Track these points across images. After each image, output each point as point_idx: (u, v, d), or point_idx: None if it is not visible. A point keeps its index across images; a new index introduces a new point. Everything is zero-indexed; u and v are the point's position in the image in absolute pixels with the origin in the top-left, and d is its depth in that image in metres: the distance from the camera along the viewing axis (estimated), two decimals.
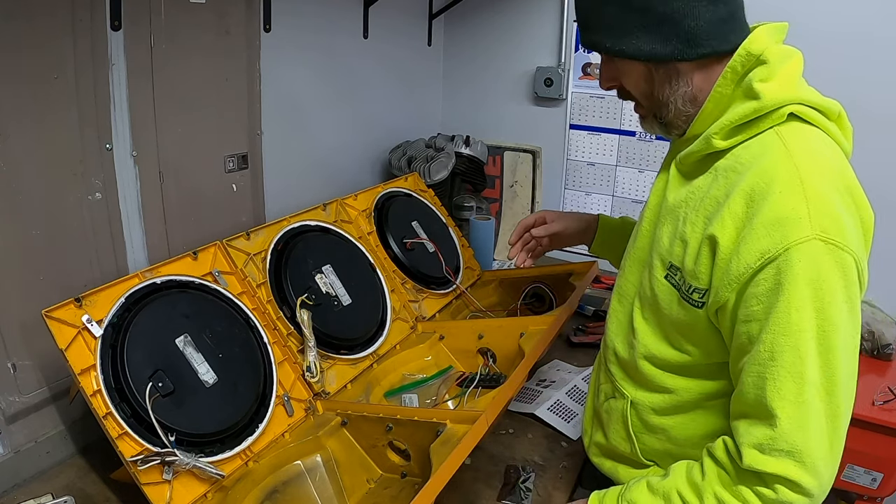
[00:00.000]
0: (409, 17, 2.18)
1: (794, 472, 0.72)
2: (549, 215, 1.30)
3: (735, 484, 0.77)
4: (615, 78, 0.89)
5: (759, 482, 0.75)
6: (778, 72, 0.80)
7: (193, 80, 1.37)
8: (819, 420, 0.73)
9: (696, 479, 0.82)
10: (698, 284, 0.82)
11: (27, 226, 1.12)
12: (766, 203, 0.74)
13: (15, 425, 1.14)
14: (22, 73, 1.06)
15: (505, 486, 1.18)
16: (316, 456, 1.12)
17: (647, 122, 0.93)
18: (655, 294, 0.90)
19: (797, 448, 0.72)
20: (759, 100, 0.79)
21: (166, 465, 0.96)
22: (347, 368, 1.32)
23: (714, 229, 0.78)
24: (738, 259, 0.75)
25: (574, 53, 2.12)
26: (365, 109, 2.01)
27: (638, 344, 0.94)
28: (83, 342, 0.98)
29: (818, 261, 0.71)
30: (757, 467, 0.74)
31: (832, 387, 0.73)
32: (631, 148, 2.14)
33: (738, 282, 0.76)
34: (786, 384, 0.73)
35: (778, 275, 0.72)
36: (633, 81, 0.87)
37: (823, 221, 0.72)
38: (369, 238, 1.55)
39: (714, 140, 0.83)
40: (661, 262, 0.89)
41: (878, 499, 1.64)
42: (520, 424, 1.36)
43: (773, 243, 0.72)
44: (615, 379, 1.02)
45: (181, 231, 1.41)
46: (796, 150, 0.77)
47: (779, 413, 0.73)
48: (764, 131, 0.80)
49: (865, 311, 1.78)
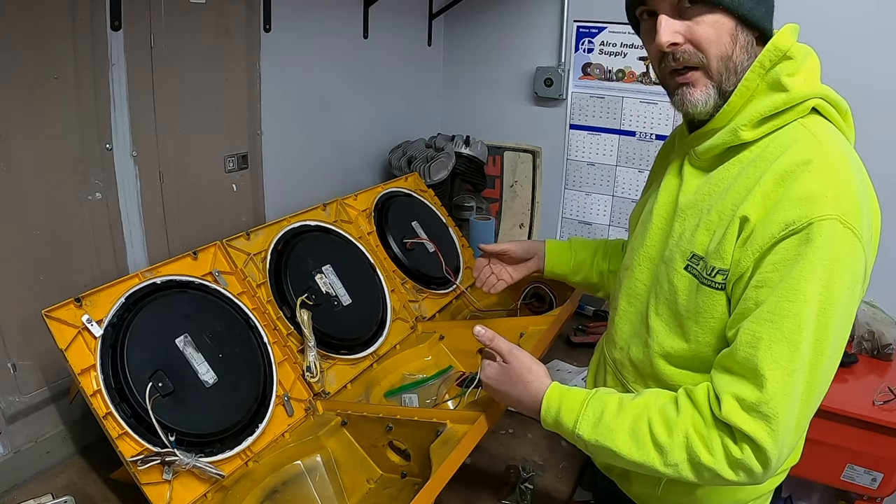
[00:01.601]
0: (409, 17, 2.18)
1: (765, 437, 0.73)
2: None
3: (707, 428, 0.78)
4: (692, 31, 0.82)
5: (729, 435, 0.76)
6: (802, 67, 0.82)
7: (193, 79, 1.37)
8: (798, 394, 0.74)
9: (670, 413, 0.81)
10: (721, 265, 0.82)
11: (27, 226, 1.12)
12: (797, 181, 0.76)
13: (15, 425, 1.14)
14: (22, 73, 1.06)
15: (505, 486, 1.18)
16: (316, 456, 1.12)
17: (702, 90, 0.84)
18: (674, 286, 0.89)
19: (776, 414, 0.73)
20: (787, 92, 0.80)
21: (166, 465, 0.96)
22: (347, 368, 1.32)
23: (745, 210, 0.80)
24: (762, 229, 0.77)
25: (574, 53, 2.12)
26: (365, 109, 2.01)
27: (653, 342, 0.93)
28: (83, 342, 0.98)
29: (835, 240, 0.73)
30: (733, 420, 0.75)
31: (817, 364, 0.75)
32: (631, 148, 2.14)
33: (759, 250, 0.77)
34: (780, 348, 0.74)
35: (799, 245, 0.74)
36: (716, 37, 0.81)
37: (845, 205, 0.74)
38: (369, 238, 1.55)
39: (741, 132, 0.83)
40: (681, 255, 0.89)
41: (878, 499, 1.64)
42: (520, 424, 1.36)
43: (798, 216, 0.74)
44: (628, 381, 1.00)
45: (181, 231, 1.41)
46: (824, 139, 0.80)
47: (768, 376, 0.73)
48: (789, 123, 0.83)
49: (865, 311, 1.78)
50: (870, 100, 1.67)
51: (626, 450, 0.82)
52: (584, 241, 1.32)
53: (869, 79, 1.69)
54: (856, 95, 0.93)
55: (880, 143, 1.67)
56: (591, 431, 0.84)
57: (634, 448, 0.81)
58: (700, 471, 0.78)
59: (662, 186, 0.97)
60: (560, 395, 0.89)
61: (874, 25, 1.69)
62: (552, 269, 1.29)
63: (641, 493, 1.03)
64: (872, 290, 0.85)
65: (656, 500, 1.00)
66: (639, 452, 0.81)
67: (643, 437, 0.81)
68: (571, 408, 0.87)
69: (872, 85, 1.69)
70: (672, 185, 0.95)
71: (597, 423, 0.84)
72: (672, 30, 0.82)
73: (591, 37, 2.09)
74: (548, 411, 0.89)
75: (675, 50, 0.83)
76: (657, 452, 0.80)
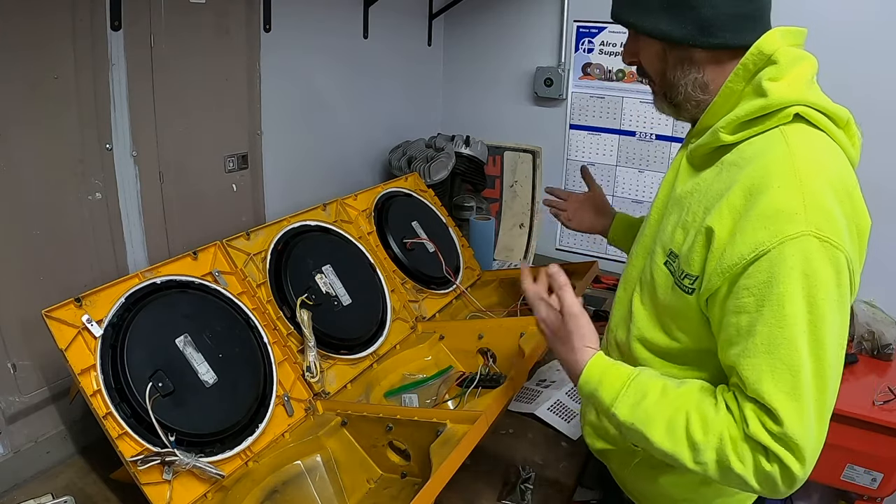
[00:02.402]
0: (409, 17, 2.18)
1: (793, 462, 0.74)
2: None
3: (741, 440, 0.77)
4: (635, 53, 0.94)
5: (761, 452, 0.76)
6: (788, 73, 0.82)
7: (193, 80, 1.37)
8: (811, 414, 0.74)
9: (708, 412, 0.80)
10: (690, 271, 0.84)
11: (27, 226, 1.12)
12: (764, 197, 0.76)
13: (15, 425, 1.14)
14: (22, 73, 1.06)
15: (505, 486, 1.18)
16: (316, 456, 1.12)
17: (657, 100, 0.96)
18: (654, 279, 0.93)
19: (797, 443, 0.73)
20: (765, 97, 0.81)
21: (166, 465, 0.96)
22: (347, 368, 1.32)
23: (711, 220, 0.80)
24: (732, 249, 0.77)
25: (574, 53, 2.12)
26: (365, 109, 2.01)
27: (633, 327, 0.97)
28: (83, 342, 0.98)
29: (811, 256, 0.73)
30: (761, 440, 0.75)
31: (822, 382, 0.75)
32: (631, 148, 2.14)
33: (730, 272, 0.77)
34: (783, 377, 0.74)
35: (771, 268, 0.74)
36: (649, 59, 0.92)
37: (818, 219, 0.74)
38: (369, 238, 1.55)
39: (721, 134, 0.85)
40: (662, 250, 0.92)
41: (878, 499, 1.64)
42: (520, 424, 1.36)
43: (767, 236, 0.74)
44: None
45: (181, 231, 1.41)
46: (798, 148, 0.79)
47: (779, 408, 0.73)
48: (769, 129, 0.82)
49: (865, 311, 1.78)
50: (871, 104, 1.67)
51: (659, 439, 0.82)
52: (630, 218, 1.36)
53: (870, 83, 1.69)
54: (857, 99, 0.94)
55: (880, 147, 1.67)
56: (628, 413, 0.84)
57: (668, 439, 0.81)
58: (728, 475, 0.78)
59: (664, 180, 1.01)
60: (601, 371, 0.88)
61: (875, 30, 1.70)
62: (614, 239, 1.35)
63: (616, 470, 1.08)
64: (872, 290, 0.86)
65: (628, 480, 1.06)
66: (671, 444, 0.81)
67: (679, 431, 0.81)
68: (612, 386, 0.87)
69: (873, 90, 1.70)
70: (670, 179, 0.99)
71: (635, 406, 0.84)
72: (627, 50, 0.95)
73: (591, 37, 2.09)
74: (587, 383, 0.89)
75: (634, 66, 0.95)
76: (689, 449, 0.80)
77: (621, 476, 1.08)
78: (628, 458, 1.02)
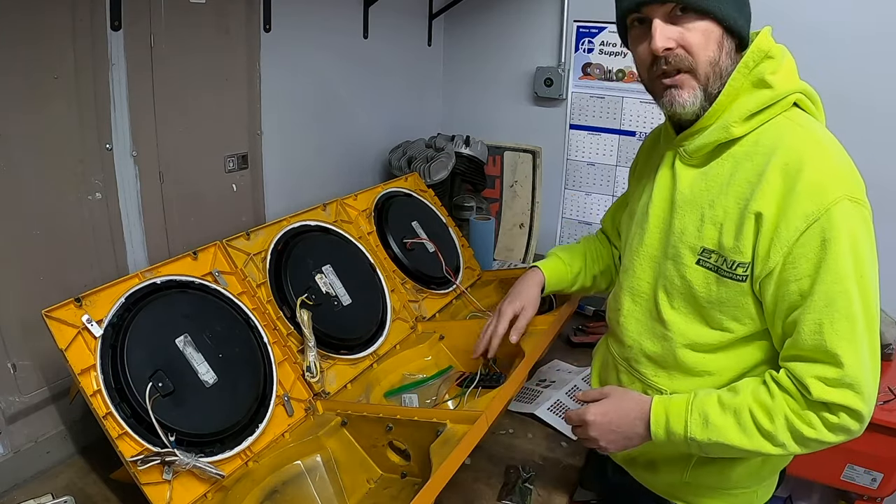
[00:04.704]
0: (409, 17, 2.18)
1: (854, 401, 0.82)
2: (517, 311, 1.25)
3: (803, 409, 0.85)
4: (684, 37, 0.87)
5: (825, 409, 0.84)
6: (782, 65, 0.89)
7: (193, 79, 1.37)
8: (867, 354, 0.83)
9: (766, 399, 0.87)
10: (741, 259, 0.88)
11: (27, 226, 1.12)
12: (803, 174, 0.83)
13: (15, 425, 1.14)
14: (22, 73, 1.06)
15: (505, 486, 1.18)
16: (316, 456, 1.12)
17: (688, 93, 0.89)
18: (688, 281, 0.94)
19: (857, 381, 0.82)
20: (772, 89, 0.88)
21: (166, 465, 0.96)
22: (347, 368, 1.32)
23: (757, 206, 0.85)
24: (786, 224, 0.83)
25: (574, 53, 2.12)
26: (365, 109, 2.01)
27: (673, 335, 0.98)
28: (83, 342, 0.98)
29: (850, 216, 0.82)
30: (825, 398, 0.83)
31: (871, 323, 0.84)
32: (631, 148, 2.14)
33: (787, 244, 0.84)
34: (842, 326, 0.82)
35: (823, 233, 0.82)
36: (706, 43, 0.87)
37: (848, 182, 0.84)
38: (369, 238, 1.55)
39: (732, 128, 0.89)
40: (690, 251, 0.94)
41: (878, 499, 1.64)
42: (520, 424, 1.36)
43: (814, 207, 0.82)
44: (647, 377, 1.03)
45: (181, 231, 1.41)
46: (810, 130, 0.88)
47: (840, 353, 0.82)
48: (774, 117, 0.89)
49: None
50: (872, 104, 1.67)
51: (738, 441, 0.88)
52: (569, 250, 1.33)
53: (868, 82, 1.69)
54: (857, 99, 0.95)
55: (881, 147, 1.68)
56: (702, 432, 0.90)
57: (745, 439, 0.88)
58: (806, 443, 0.86)
59: (656, 185, 1.00)
60: (665, 407, 0.94)
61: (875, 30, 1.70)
62: (552, 289, 1.31)
63: (670, 480, 1.07)
64: None
65: (684, 484, 1.05)
66: (749, 442, 0.88)
67: (750, 428, 0.87)
68: (678, 415, 0.92)
69: (873, 88, 1.70)
70: (665, 183, 0.99)
71: (705, 424, 0.90)
72: (666, 35, 0.87)
73: (591, 37, 2.09)
74: (657, 423, 0.94)
75: (669, 54, 0.88)
76: (765, 439, 0.87)
77: (674, 486, 1.07)
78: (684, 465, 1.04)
